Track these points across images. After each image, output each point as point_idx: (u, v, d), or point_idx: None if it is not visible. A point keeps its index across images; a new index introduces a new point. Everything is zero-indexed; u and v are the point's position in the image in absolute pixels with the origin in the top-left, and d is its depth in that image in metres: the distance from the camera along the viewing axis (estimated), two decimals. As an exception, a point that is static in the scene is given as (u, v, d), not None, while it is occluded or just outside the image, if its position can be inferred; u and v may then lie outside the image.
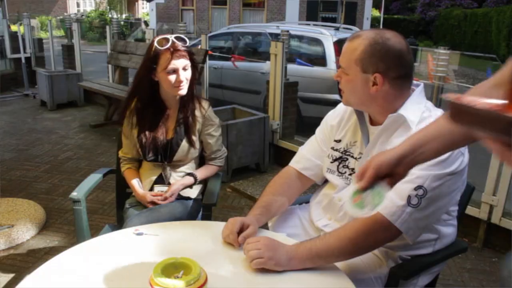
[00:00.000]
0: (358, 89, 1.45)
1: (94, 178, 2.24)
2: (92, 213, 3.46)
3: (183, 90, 2.07)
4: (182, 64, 2.02)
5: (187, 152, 2.16)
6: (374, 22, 23.38)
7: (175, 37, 2.03)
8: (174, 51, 2.00)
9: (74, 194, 2.05)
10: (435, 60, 3.51)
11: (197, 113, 2.18)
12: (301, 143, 1.92)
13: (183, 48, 2.03)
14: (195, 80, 2.14)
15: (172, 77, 2.02)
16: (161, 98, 2.14)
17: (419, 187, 1.32)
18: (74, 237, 2.21)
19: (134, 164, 2.27)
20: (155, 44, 2.01)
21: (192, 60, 2.08)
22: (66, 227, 3.32)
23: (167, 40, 2.01)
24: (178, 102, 2.15)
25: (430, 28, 24.56)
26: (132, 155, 2.24)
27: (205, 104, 2.21)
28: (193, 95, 2.18)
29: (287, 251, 1.35)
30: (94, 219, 3.39)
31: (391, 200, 1.33)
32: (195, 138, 2.17)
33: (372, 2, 22.86)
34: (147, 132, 2.12)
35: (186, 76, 2.05)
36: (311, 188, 1.82)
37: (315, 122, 1.88)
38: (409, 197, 1.32)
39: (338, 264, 1.38)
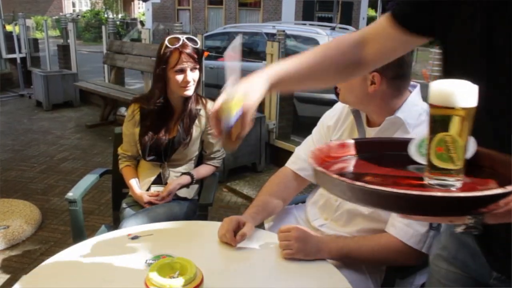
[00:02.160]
0: (356, 88, 1.46)
1: (90, 179, 2.23)
2: (88, 213, 3.46)
3: (190, 91, 2.07)
4: (190, 64, 2.03)
5: (187, 151, 2.17)
6: (370, 22, 23.34)
7: (186, 38, 2.04)
8: (183, 51, 2.01)
9: (70, 195, 2.04)
10: (431, 60, 3.52)
11: (202, 112, 2.19)
12: (298, 143, 1.92)
13: (192, 49, 2.04)
14: (201, 81, 2.16)
15: (180, 77, 2.03)
16: (167, 98, 2.14)
17: None
18: (70, 237, 2.20)
19: (132, 162, 2.26)
20: (166, 42, 2.03)
21: (199, 62, 2.09)
22: (62, 227, 3.31)
23: (178, 39, 2.02)
24: (183, 102, 2.15)
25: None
26: (131, 153, 2.24)
27: (210, 105, 2.22)
28: (198, 95, 2.19)
29: (317, 243, 1.40)
30: (90, 219, 3.38)
31: (414, 228, 1.37)
32: (196, 137, 2.17)
33: (368, 2, 22.89)
34: (150, 131, 2.13)
35: (193, 77, 2.06)
36: (307, 188, 1.82)
37: (312, 122, 1.88)
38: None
39: (334, 263, 1.39)
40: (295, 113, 5.58)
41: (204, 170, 2.27)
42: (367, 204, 0.63)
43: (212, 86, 6.65)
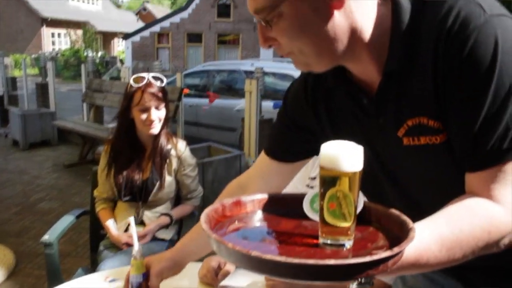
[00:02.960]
0: None
1: (67, 220, 2.19)
2: (64, 256, 3.37)
3: (155, 129, 2.07)
4: (154, 103, 2.04)
5: (162, 192, 2.15)
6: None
7: (152, 76, 2.05)
8: (146, 90, 2.02)
9: (46, 238, 2.00)
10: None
11: (173, 152, 2.18)
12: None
13: (156, 88, 2.04)
14: (169, 119, 2.16)
15: (143, 116, 2.03)
16: (138, 137, 2.13)
17: None
18: (46, 282, 2.14)
19: (109, 204, 2.23)
20: (131, 81, 2.04)
21: (165, 100, 2.09)
22: (37, 271, 3.21)
23: (142, 78, 2.04)
24: (152, 140, 2.15)
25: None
26: (107, 195, 2.21)
27: (181, 144, 2.21)
28: (168, 134, 2.18)
29: None
30: (66, 262, 3.29)
31: None
32: (170, 178, 2.16)
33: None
34: (123, 172, 2.11)
35: (158, 115, 2.06)
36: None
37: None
38: None
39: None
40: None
41: (183, 209, 2.25)
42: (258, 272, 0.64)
43: (191, 124, 6.70)
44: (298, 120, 1.02)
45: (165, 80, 2.12)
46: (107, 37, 32.10)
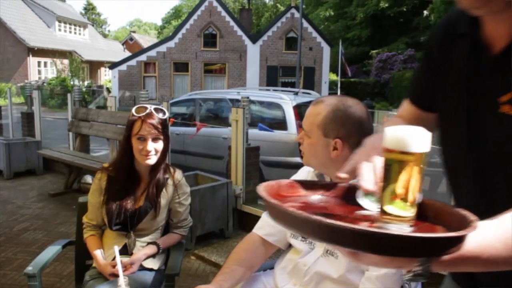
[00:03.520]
0: (319, 153, 1.50)
1: (51, 251, 2.16)
2: (49, 287, 3.30)
3: (151, 160, 2.09)
4: (151, 134, 2.06)
5: (154, 220, 2.14)
6: (332, 86, 24.32)
7: (154, 108, 2.08)
8: (146, 120, 2.04)
9: (29, 269, 1.97)
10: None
11: (169, 181, 2.20)
12: (265, 207, 1.94)
13: (157, 119, 2.07)
14: (167, 151, 2.18)
15: (141, 145, 2.05)
16: (135, 166, 2.15)
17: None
18: (29, 315, 2.09)
19: (97, 232, 2.22)
20: (133, 111, 2.07)
21: (164, 132, 2.11)
22: (20, 304, 3.14)
23: (145, 108, 2.07)
24: (149, 171, 2.16)
25: (385, 90, 25.70)
26: (97, 222, 2.19)
27: (178, 174, 2.24)
28: (166, 165, 2.21)
29: None
30: (50, 293, 3.23)
31: None
32: (163, 206, 2.16)
33: (329, 67, 23.88)
34: (116, 200, 2.11)
35: (155, 146, 2.08)
36: (275, 253, 1.81)
37: (278, 186, 1.90)
38: (401, 287, 1.37)
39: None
40: (261, 177, 5.62)
41: (171, 239, 2.24)
42: (323, 239, 0.63)
43: (178, 152, 6.70)
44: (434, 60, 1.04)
45: (167, 113, 2.15)
46: (94, 66, 32.20)
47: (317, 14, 30.56)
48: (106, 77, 32.11)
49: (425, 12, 25.64)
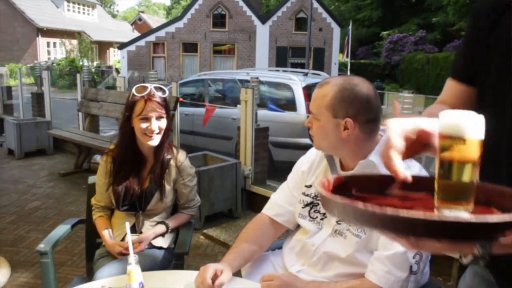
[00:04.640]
0: (330, 134, 1.49)
1: (62, 229, 2.19)
2: (60, 265, 3.35)
3: (154, 141, 2.07)
4: (155, 113, 2.04)
5: (161, 201, 2.15)
6: (342, 67, 24.12)
7: (154, 87, 2.06)
8: (148, 99, 2.02)
9: (41, 246, 1.99)
10: (401, 103, 3.64)
11: (172, 162, 2.18)
12: (274, 188, 1.94)
13: (159, 98, 2.05)
14: (170, 130, 2.16)
15: (144, 125, 2.03)
16: (138, 147, 2.14)
17: (416, 253, 1.37)
18: (41, 291, 2.13)
19: (106, 213, 2.23)
20: (133, 91, 2.04)
21: (167, 111, 2.10)
22: (32, 281, 3.19)
23: (145, 88, 2.04)
24: (154, 152, 2.15)
25: (396, 72, 25.47)
26: (105, 203, 2.21)
27: (181, 155, 2.22)
28: (169, 144, 2.19)
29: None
30: (62, 271, 3.28)
31: (395, 275, 1.37)
32: (169, 188, 2.17)
33: (339, 48, 23.65)
34: (122, 182, 2.11)
35: (159, 125, 2.06)
36: (284, 233, 1.82)
37: (287, 166, 1.90)
38: (410, 267, 1.36)
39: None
40: (270, 158, 5.62)
41: (180, 218, 2.26)
42: (383, 229, 0.61)
43: (187, 133, 6.71)
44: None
45: (167, 91, 2.12)
46: (103, 46, 32.16)
47: (328, -6, 30.19)
48: (115, 57, 32.08)
49: (438, -7, 25.22)
